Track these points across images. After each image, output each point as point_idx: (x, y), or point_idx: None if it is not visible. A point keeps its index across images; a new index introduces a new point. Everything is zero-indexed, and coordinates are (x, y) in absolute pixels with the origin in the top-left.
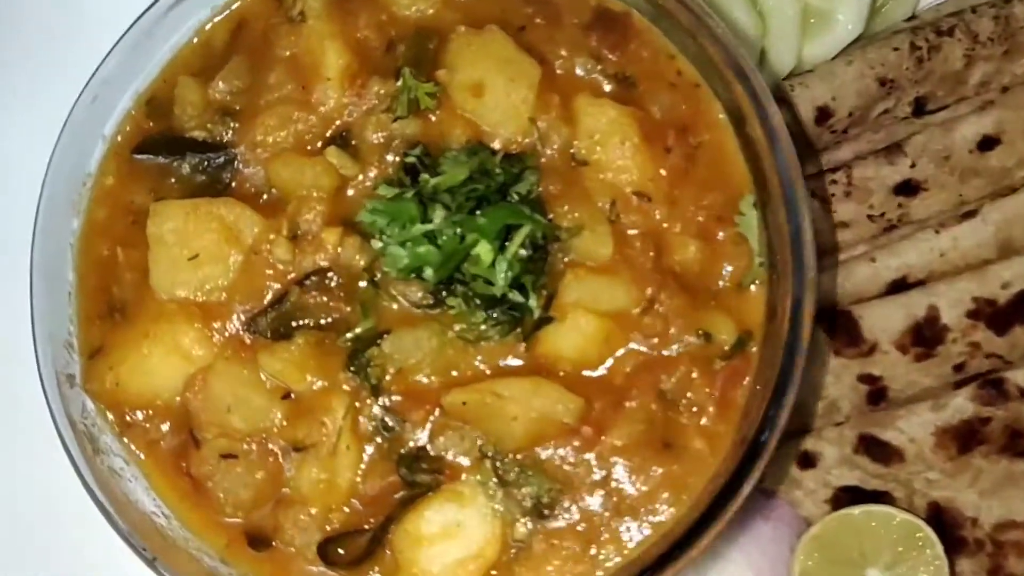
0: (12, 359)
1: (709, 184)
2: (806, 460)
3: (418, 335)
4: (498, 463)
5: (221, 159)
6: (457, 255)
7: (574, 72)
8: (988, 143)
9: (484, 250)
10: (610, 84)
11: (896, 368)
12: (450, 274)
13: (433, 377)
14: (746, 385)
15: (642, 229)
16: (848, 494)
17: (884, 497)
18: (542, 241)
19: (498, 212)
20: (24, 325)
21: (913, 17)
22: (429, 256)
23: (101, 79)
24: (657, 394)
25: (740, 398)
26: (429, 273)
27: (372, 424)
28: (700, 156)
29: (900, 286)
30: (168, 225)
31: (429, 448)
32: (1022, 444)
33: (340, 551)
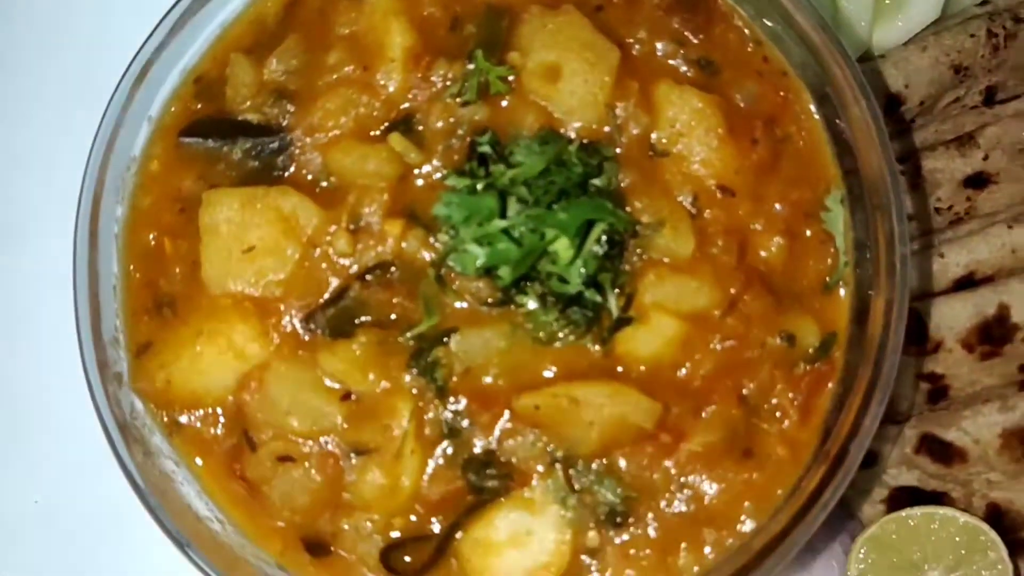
0: (56, 358)
1: (795, 179)
2: (864, 459)
3: (486, 335)
4: (570, 469)
5: (275, 144)
6: (534, 252)
7: (654, 56)
8: None
9: (563, 247)
10: (692, 70)
11: (960, 367)
12: (525, 272)
13: (502, 379)
14: (830, 390)
15: (725, 225)
16: (906, 494)
17: (942, 498)
18: (620, 237)
19: (580, 207)
20: (67, 321)
21: (986, 2)
22: (507, 254)
23: (146, 56)
24: (738, 399)
25: (824, 404)
26: (505, 271)
27: (438, 427)
28: (786, 149)
29: (968, 283)
30: (222, 215)
31: (498, 453)
32: None
33: (405, 559)
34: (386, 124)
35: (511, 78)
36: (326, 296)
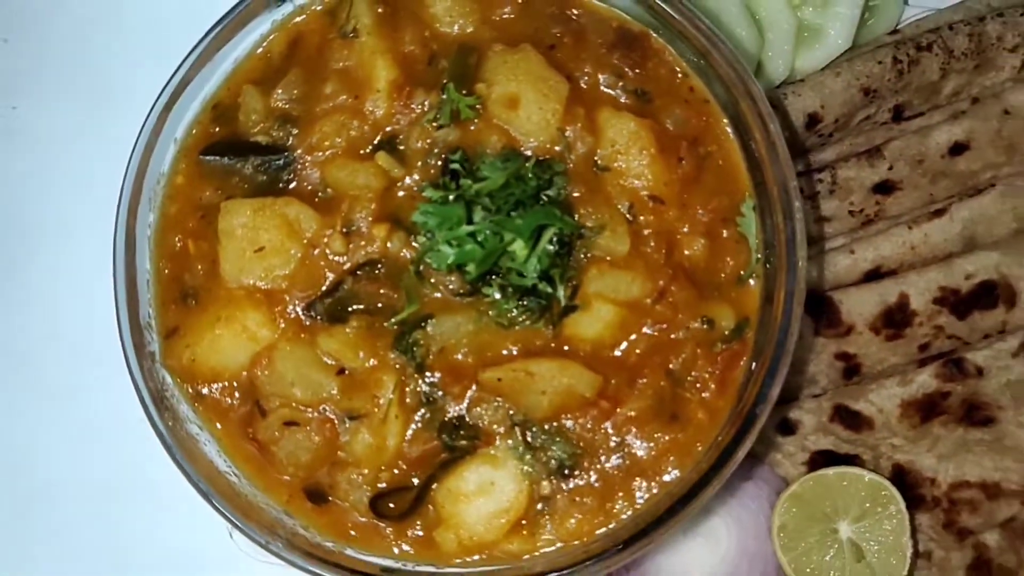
0: (100, 340)
1: (715, 189)
2: (786, 427)
3: (458, 320)
4: (527, 431)
5: (281, 161)
6: (496, 252)
7: (598, 87)
8: (958, 149)
9: (520, 247)
10: (629, 99)
11: (869, 347)
12: (489, 268)
13: (471, 356)
14: (743, 365)
15: (655, 229)
16: (823, 457)
17: (854, 460)
18: (568, 238)
19: (533, 214)
20: (109, 309)
21: (895, 31)
22: (473, 253)
23: (172, 88)
24: (666, 372)
25: (738, 376)
26: (472, 267)
27: (417, 396)
28: (708, 164)
29: (875, 275)
30: (237, 221)
31: (467, 417)
32: (976, 415)
33: (390, 505)
34: (373, 144)
35: (478, 106)
36: (324, 288)
